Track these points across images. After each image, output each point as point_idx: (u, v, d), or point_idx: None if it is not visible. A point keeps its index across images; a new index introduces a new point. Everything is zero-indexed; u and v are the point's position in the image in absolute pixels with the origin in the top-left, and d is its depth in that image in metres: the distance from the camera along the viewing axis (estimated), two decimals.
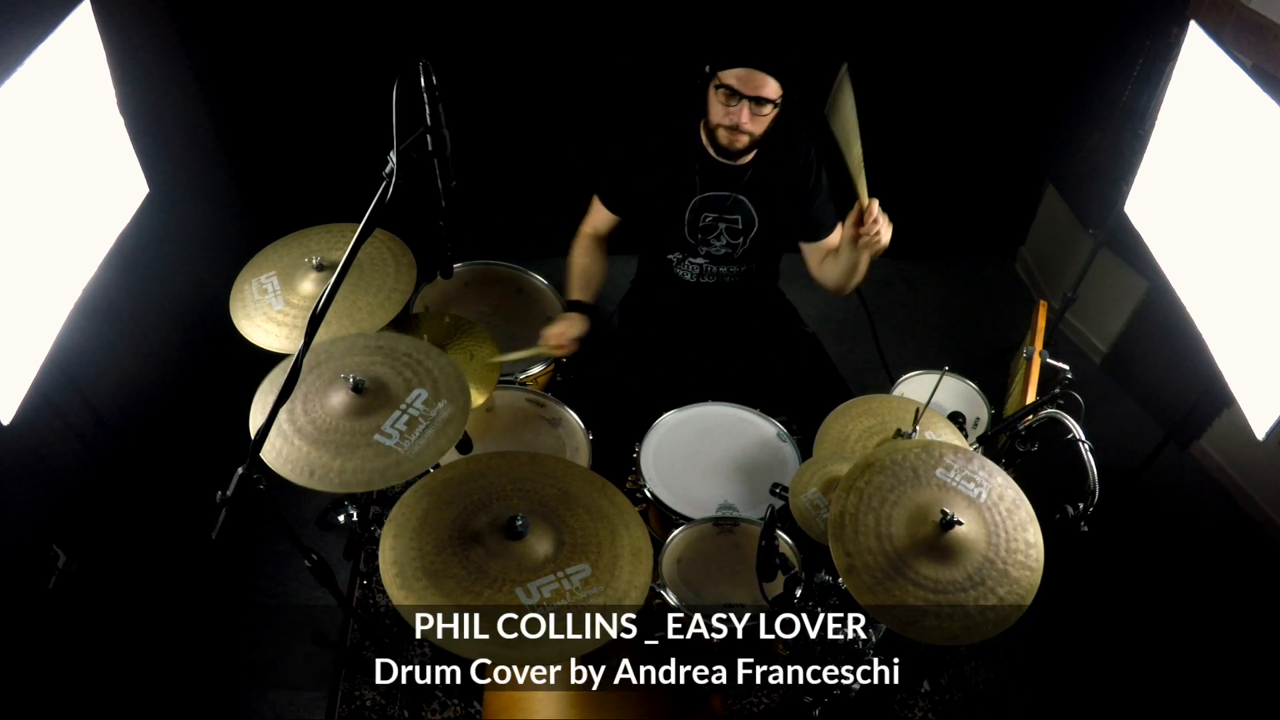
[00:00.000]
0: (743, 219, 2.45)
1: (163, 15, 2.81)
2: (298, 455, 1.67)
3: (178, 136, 2.89)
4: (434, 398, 1.80)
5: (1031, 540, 1.67)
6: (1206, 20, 2.57)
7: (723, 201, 2.42)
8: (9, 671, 2.13)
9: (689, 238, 2.49)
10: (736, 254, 2.52)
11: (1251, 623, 2.72)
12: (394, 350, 1.88)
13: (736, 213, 2.44)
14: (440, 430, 1.75)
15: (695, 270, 2.56)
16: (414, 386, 1.81)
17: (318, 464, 1.66)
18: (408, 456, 1.70)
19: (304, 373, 1.74)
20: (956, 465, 1.75)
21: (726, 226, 2.47)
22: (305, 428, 1.71)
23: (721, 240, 2.49)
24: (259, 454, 1.45)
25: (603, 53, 3.21)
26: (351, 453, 1.68)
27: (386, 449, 1.70)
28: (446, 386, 1.83)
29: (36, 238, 1.82)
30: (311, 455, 1.67)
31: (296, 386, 1.73)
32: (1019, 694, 2.59)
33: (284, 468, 1.65)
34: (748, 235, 2.48)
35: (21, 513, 2.21)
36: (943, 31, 3.24)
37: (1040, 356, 2.47)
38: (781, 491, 1.99)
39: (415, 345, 1.91)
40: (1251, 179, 2.03)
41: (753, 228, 2.47)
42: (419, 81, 1.62)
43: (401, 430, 1.72)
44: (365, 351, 1.88)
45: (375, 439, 1.70)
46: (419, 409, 1.77)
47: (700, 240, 2.50)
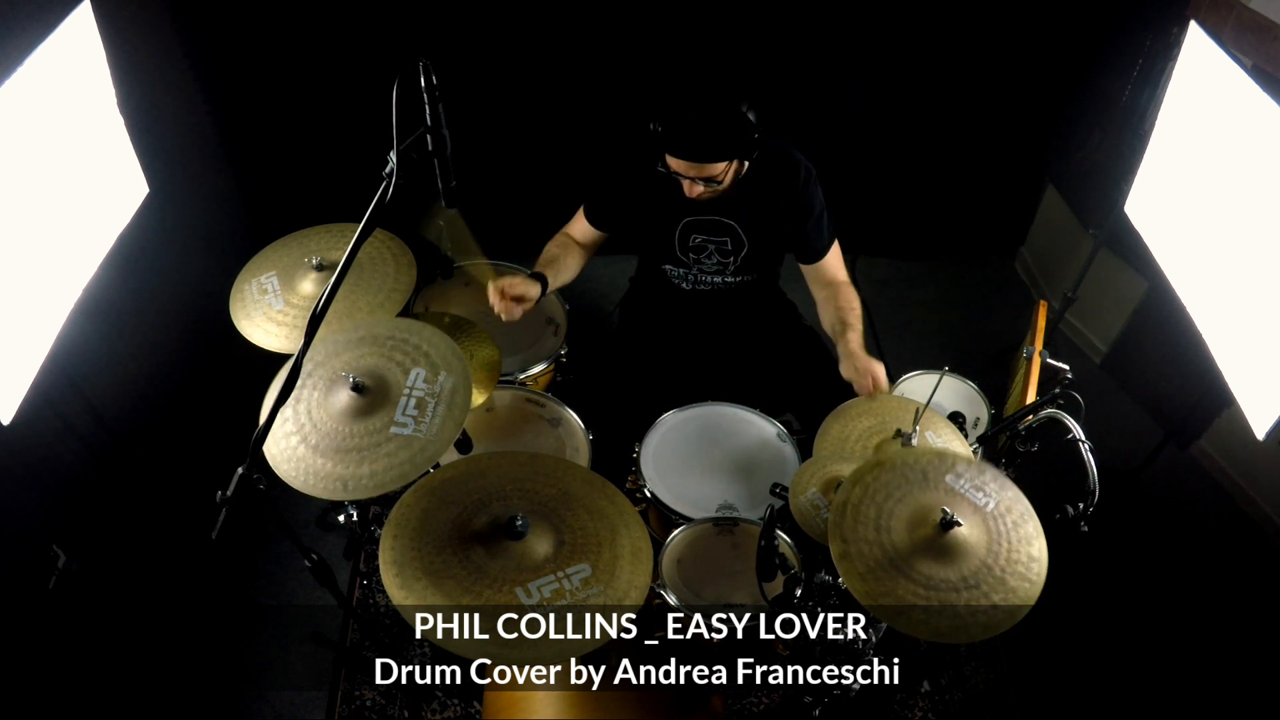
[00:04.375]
0: (731, 240, 2.43)
1: (163, 15, 2.81)
2: (324, 471, 1.67)
3: (178, 136, 2.89)
4: (432, 373, 1.79)
5: (1036, 555, 1.66)
6: (1206, 20, 2.57)
7: (709, 224, 2.39)
8: (9, 671, 2.13)
9: (680, 255, 2.48)
10: (729, 270, 2.50)
11: (1251, 623, 2.72)
12: (377, 337, 1.87)
13: (724, 234, 2.42)
14: (450, 403, 1.75)
15: (691, 280, 2.55)
16: (409, 368, 1.80)
17: (347, 475, 1.66)
18: (429, 439, 1.70)
19: (301, 383, 1.75)
20: (968, 474, 1.76)
21: (716, 247, 2.44)
22: (321, 444, 1.70)
23: (712, 259, 2.47)
24: (259, 454, 1.45)
25: (603, 52, 3.21)
26: (375, 453, 1.68)
27: (406, 438, 1.70)
28: (441, 357, 1.82)
29: (37, 238, 1.82)
30: (337, 469, 1.67)
31: (301, 404, 1.74)
32: (1019, 694, 2.59)
33: (317, 487, 1.65)
34: (738, 255, 2.46)
35: (21, 513, 2.20)
36: (943, 32, 3.24)
37: (1040, 356, 2.47)
38: (781, 491, 1.99)
39: (396, 325, 1.90)
40: (1251, 179, 2.03)
41: (742, 248, 2.44)
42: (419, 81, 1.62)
43: (414, 416, 1.73)
44: (350, 347, 1.86)
45: (392, 432, 1.71)
46: (422, 389, 1.77)
47: (692, 259, 2.48)
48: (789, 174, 2.36)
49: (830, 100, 3.38)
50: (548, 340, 2.58)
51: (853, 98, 3.39)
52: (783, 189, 2.37)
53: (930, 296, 3.87)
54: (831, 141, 3.49)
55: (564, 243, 2.53)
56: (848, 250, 2.53)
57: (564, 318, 2.63)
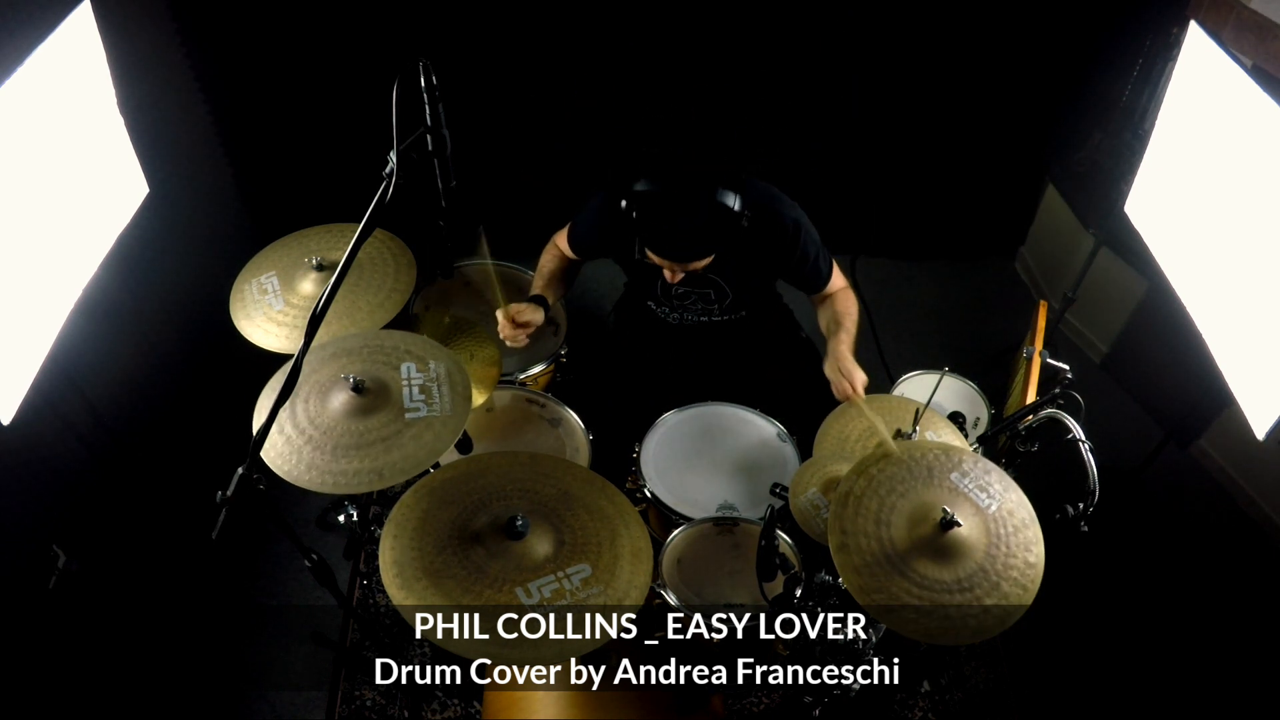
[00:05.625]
0: (715, 291, 2.39)
1: (163, 15, 2.81)
2: (351, 469, 1.68)
3: (178, 136, 2.89)
4: (422, 363, 1.84)
5: (1033, 561, 1.66)
6: (1206, 20, 2.57)
7: (693, 278, 2.28)
8: (9, 671, 2.12)
9: (663, 298, 2.45)
10: (715, 313, 2.46)
11: (1251, 623, 2.72)
12: (350, 350, 1.89)
13: (708, 287, 2.38)
14: (451, 383, 1.81)
15: (676, 319, 2.51)
16: (397, 363, 1.84)
17: (379, 465, 1.68)
18: (445, 414, 1.75)
19: (303, 395, 1.75)
20: (973, 473, 1.75)
21: (699, 296, 2.41)
22: (339, 445, 1.71)
23: (697, 306, 2.44)
24: (259, 454, 1.45)
25: (603, 52, 3.21)
26: (398, 440, 1.71)
27: (425, 420, 1.75)
28: (423, 350, 1.88)
29: (37, 238, 1.82)
30: (364, 463, 1.69)
31: (299, 416, 1.74)
32: (1019, 694, 2.59)
33: (353, 484, 1.66)
34: (722, 303, 2.41)
35: (21, 513, 2.20)
36: (943, 32, 3.24)
37: (1040, 356, 2.47)
38: (781, 491, 1.99)
39: (365, 336, 1.94)
40: (1251, 179, 2.03)
41: (726, 298, 2.40)
42: (419, 81, 1.62)
43: (422, 400, 1.78)
44: (326, 362, 1.87)
45: (409, 418, 1.74)
46: (419, 377, 1.81)
47: (675, 305, 2.45)
48: (777, 237, 2.26)
49: (830, 100, 3.38)
50: (548, 340, 2.58)
51: (853, 98, 3.39)
52: (771, 251, 2.29)
53: (930, 296, 3.86)
54: (831, 142, 3.49)
55: (556, 255, 2.51)
56: (848, 250, 2.52)
57: (564, 318, 2.63)
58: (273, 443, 1.70)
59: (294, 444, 1.71)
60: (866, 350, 3.08)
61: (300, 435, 1.72)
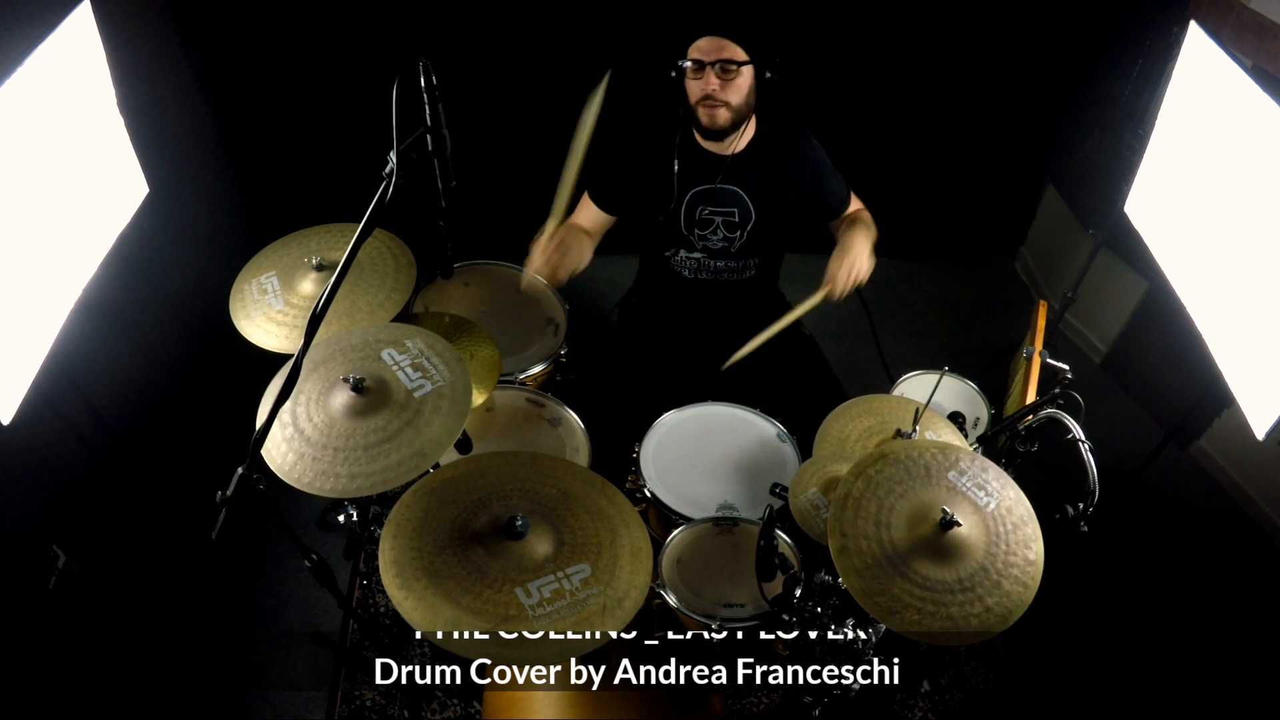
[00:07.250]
0: (739, 211, 2.45)
1: (163, 15, 2.81)
2: (400, 458, 1.67)
3: (178, 136, 2.89)
4: (400, 347, 1.85)
5: (1032, 559, 1.66)
6: (1206, 20, 2.57)
7: (717, 194, 2.43)
8: (9, 671, 2.12)
9: (685, 232, 2.50)
10: (734, 248, 2.52)
11: (1251, 623, 2.73)
12: (323, 359, 1.86)
13: (732, 205, 2.44)
14: (438, 351, 1.84)
15: (694, 265, 2.56)
16: (378, 352, 1.85)
17: (418, 445, 1.68)
18: (451, 381, 1.78)
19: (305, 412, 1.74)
20: (970, 471, 1.75)
21: (723, 220, 2.47)
22: (364, 446, 1.69)
23: (718, 234, 2.49)
24: (259, 454, 1.45)
25: (603, 53, 3.21)
26: (421, 419, 1.72)
27: (433, 392, 1.76)
28: (395, 336, 1.88)
29: (36, 238, 1.82)
30: (400, 452, 1.68)
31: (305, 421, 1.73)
32: (1019, 694, 2.59)
33: (401, 474, 1.65)
34: (744, 228, 2.48)
35: (21, 513, 2.20)
36: (943, 31, 3.24)
37: (1040, 356, 2.46)
38: (781, 491, 1.99)
39: (329, 342, 1.90)
40: (1251, 179, 2.03)
41: (749, 220, 2.47)
42: (419, 81, 1.62)
43: (421, 376, 1.79)
44: (307, 374, 1.84)
45: (418, 395, 1.75)
46: (404, 358, 1.83)
47: (697, 235, 2.50)
48: (797, 147, 2.45)
49: (830, 100, 3.38)
50: (547, 340, 2.58)
51: (853, 98, 3.39)
52: (793, 160, 2.44)
53: (930, 296, 3.86)
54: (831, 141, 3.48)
55: (572, 228, 2.52)
56: None
57: (564, 318, 2.63)
58: (305, 466, 1.66)
59: (320, 462, 1.66)
60: (866, 350, 3.08)
61: (326, 450, 1.68)
